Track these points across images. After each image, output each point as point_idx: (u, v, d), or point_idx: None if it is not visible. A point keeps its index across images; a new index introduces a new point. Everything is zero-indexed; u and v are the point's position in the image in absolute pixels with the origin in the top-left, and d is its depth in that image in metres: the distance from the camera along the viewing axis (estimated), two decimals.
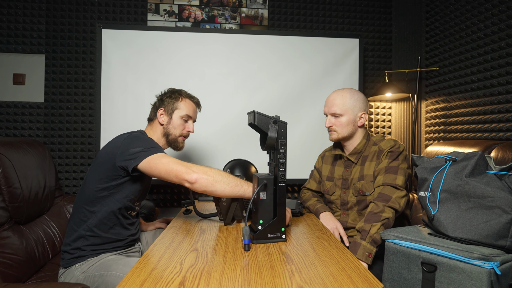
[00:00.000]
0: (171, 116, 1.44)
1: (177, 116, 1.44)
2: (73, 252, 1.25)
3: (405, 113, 2.41)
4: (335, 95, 1.47)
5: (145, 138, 1.28)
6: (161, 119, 1.44)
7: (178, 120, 1.44)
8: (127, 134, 1.30)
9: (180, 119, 1.44)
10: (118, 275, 1.15)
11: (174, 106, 1.45)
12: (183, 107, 1.45)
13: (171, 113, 1.44)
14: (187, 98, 1.48)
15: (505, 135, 1.58)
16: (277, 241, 1.05)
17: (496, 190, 0.98)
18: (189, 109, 1.47)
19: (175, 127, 1.44)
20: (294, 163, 2.26)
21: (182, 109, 1.45)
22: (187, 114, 1.45)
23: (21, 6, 2.24)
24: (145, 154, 1.17)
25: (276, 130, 1.04)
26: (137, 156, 1.18)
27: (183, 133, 1.46)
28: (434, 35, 2.14)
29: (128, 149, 1.20)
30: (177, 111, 1.44)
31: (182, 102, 1.46)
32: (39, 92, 2.28)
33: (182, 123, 1.45)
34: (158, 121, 1.44)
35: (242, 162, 1.79)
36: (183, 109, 1.45)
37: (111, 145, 1.28)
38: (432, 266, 1.02)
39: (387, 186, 1.33)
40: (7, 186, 1.32)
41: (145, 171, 1.18)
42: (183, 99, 1.47)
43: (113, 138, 1.31)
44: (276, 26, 2.45)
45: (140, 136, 1.29)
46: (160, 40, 2.21)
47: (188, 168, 1.13)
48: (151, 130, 1.45)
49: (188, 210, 1.42)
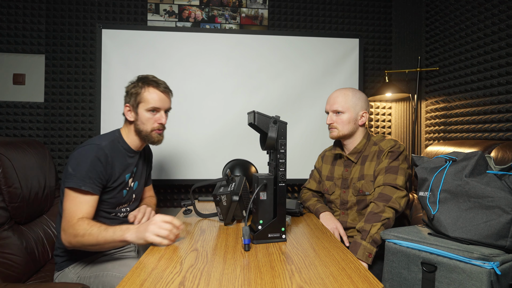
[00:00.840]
0: (136, 112, 1.29)
1: (142, 110, 1.28)
2: (63, 254, 1.26)
3: (405, 113, 2.41)
4: (337, 93, 1.47)
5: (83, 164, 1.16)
6: (128, 116, 1.31)
7: (145, 114, 1.28)
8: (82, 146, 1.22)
9: (147, 113, 1.28)
10: (115, 275, 1.15)
11: (138, 99, 1.28)
12: (147, 99, 1.28)
13: (136, 108, 1.29)
14: (151, 87, 1.29)
15: (505, 135, 1.58)
16: (277, 241, 1.05)
17: (496, 190, 0.98)
18: (154, 100, 1.28)
19: (143, 123, 1.29)
20: (294, 163, 2.26)
21: (146, 102, 1.28)
22: (152, 106, 1.28)
23: (21, 6, 2.24)
24: (68, 182, 1.13)
25: (276, 130, 1.04)
26: (66, 178, 1.15)
27: (155, 126, 1.30)
28: (434, 35, 2.14)
29: (69, 164, 1.17)
30: (141, 105, 1.28)
31: (146, 93, 1.28)
32: (39, 92, 2.28)
33: (150, 117, 1.29)
34: (126, 118, 1.33)
35: (242, 162, 1.79)
36: (148, 101, 1.28)
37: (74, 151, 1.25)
38: (432, 266, 1.02)
39: (387, 186, 1.33)
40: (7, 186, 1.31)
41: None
42: (147, 88, 1.28)
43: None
44: (276, 26, 2.45)
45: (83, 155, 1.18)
46: (160, 40, 2.21)
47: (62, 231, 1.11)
48: (126, 128, 1.35)
49: (188, 210, 1.42)
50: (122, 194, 1.31)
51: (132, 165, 1.36)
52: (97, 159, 1.17)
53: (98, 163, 1.18)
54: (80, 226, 1.07)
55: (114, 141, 1.30)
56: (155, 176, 2.20)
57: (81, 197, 1.13)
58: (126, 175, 1.31)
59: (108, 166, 1.22)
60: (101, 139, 1.27)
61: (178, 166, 2.26)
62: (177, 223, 1.01)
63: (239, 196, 1.22)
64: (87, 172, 1.14)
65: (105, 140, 1.26)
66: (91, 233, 1.05)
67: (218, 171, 2.22)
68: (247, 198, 1.32)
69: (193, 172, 2.26)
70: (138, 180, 1.42)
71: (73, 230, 1.07)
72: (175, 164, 2.25)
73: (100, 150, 1.20)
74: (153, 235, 0.97)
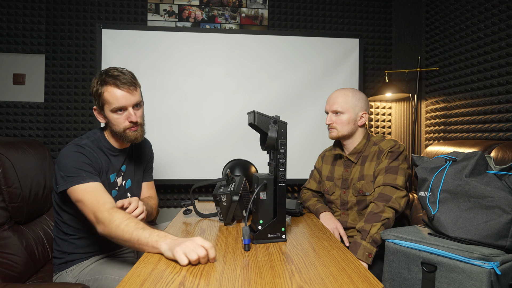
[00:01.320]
0: (103, 114, 1.22)
1: (108, 112, 1.20)
2: (61, 256, 1.25)
3: (405, 113, 2.41)
4: (337, 93, 1.47)
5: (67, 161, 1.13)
6: (99, 118, 1.25)
7: (113, 116, 1.20)
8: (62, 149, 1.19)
9: (113, 114, 1.19)
10: (113, 278, 1.13)
11: (101, 101, 1.19)
12: (108, 100, 1.17)
13: (102, 110, 1.21)
14: (109, 86, 1.17)
15: (505, 135, 1.58)
16: (277, 241, 1.05)
17: (496, 190, 0.98)
18: (116, 99, 1.17)
19: (114, 124, 1.21)
20: (294, 163, 2.26)
21: (109, 103, 1.18)
22: (116, 107, 1.18)
23: (21, 6, 2.24)
24: (64, 184, 1.11)
25: (276, 130, 1.04)
26: (59, 183, 1.13)
27: (126, 125, 1.21)
28: (434, 35, 2.14)
29: (57, 169, 1.15)
30: (106, 107, 1.19)
31: (106, 93, 1.17)
32: (39, 92, 2.28)
33: (118, 117, 1.20)
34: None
35: (242, 162, 1.79)
36: (110, 102, 1.18)
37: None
38: (432, 266, 1.02)
39: (387, 186, 1.33)
40: (7, 186, 1.31)
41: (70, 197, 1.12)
42: (105, 88, 1.17)
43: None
44: (276, 26, 2.45)
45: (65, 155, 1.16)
46: (160, 40, 2.21)
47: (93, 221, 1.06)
48: (107, 129, 1.29)
49: (188, 210, 1.42)
50: (112, 194, 1.28)
51: (117, 164, 1.31)
52: (80, 154, 1.16)
53: (82, 156, 1.16)
54: (117, 214, 1.02)
55: (94, 140, 1.26)
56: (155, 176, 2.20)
57: (88, 187, 1.10)
58: (110, 175, 1.27)
59: (93, 159, 1.19)
60: (80, 139, 1.25)
61: (178, 166, 2.26)
62: (212, 255, 0.86)
63: (239, 196, 1.22)
64: (78, 168, 1.12)
65: (84, 140, 1.24)
66: (127, 225, 0.98)
67: (218, 171, 2.22)
68: (247, 198, 1.32)
69: (193, 172, 2.26)
70: (131, 177, 1.38)
71: (108, 215, 1.02)
72: (175, 164, 2.25)
73: (79, 147, 1.19)
74: (182, 254, 0.84)
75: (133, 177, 1.40)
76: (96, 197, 1.08)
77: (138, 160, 1.44)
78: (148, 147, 1.52)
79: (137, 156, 1.44)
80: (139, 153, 1.46)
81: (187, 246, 0.85)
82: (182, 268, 0.82)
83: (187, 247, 0.85)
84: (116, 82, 1.17)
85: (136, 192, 1.42)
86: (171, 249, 0.87)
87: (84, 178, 1.11)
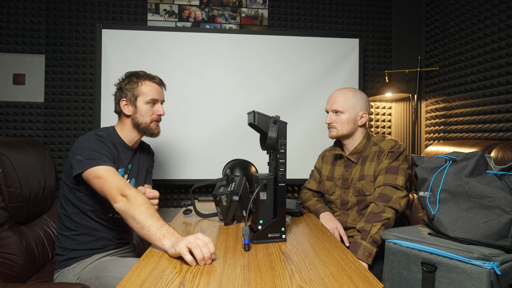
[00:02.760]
0: (135, 105, 1.32)
1: (141, 102, 1.32)
2: (63, 253, 1.26)
3: (405, 113, 2.41)
4: (338, 92, 1.48)
5: (89, 145, 1.19)
6: (126, 110, 1.33)
7: (144, 107, 1.32)
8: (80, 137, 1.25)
9: (146, 105, 1.32)
10: (115, 276, 1.14)
11: (136, 92, 1.32)
12: (145, 91, 1.32)
13: (134, 101, 1.32)
14: (147, 80, 1.34)
15: (505, 135, 1.58)
16: (277, 241, 1.05)
17: (496, 190, 0.98)
18: (152, 92, 1.33)
19: (143, 115, 1.33)
20: (294, 163, 2.26)
21: (145, 94, 1.32)
22: (151, 98, 1.33)
23: (21, 6, 2.24)
24: (84, 166, 1.13)
25: (276, 130, 1.04)
26: (77, 166, 1.15)
27: (153, 118, 1.35)
28: (434, 35, 2.14)
29: (74, 155, 1.18)
30: (140, 98, 1.32)
31: (143, 86, 1.32)
32: (39, 92, 2.28)
33: (149, 108, 1.33)
34: (124, 113, 1.34)
35: (242, 162, 1.79)
36: (146, 94, 1.32)
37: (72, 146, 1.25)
38: (432, 266, 1.02)
39: (387, 187, 1.33)
40: (7, 186, 1.31)
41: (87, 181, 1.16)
42: (143, 82, 1.33)
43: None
44: (276, 26, 2.45)
45: (86, 141, 1.21)
46: (160, 40, 2.21)
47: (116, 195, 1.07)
48: (121, 124, 1.36)
49: (188, 210, 1.42)
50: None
51: (125, 161, 1.36)
52: (100, 141, 1.23)
53: (101, 143, 1.23)
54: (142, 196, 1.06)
55: (108, 135, 1.32)
56: (155, 176, 2.20)
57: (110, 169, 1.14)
58: (119, 169, 1.31)
59: (110, 150, 1.25)
60: (96, 131, 1.31)
61: (178, 166, 2.26)
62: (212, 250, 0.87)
63: (239, 196, 1.22)
64: (99, 152, 1.18)
65: (99, 132, 1.30)
66: (147, 208, 1.01)
67: (218, 171, 2.22)
68: (247, 198, 1.32)
69: (193, 172, 2.26)
70: (135, 177, 1.42)
71: (135, 193, 1.06)
72: (175, 164, 2.25)
73: (100, 136, 1.25)
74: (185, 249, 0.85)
75: (137, 177, 1.43)
76: (119, 178, 1.12)
77: (142, 161, 1.48)
78: (152, 153, 1.59)
79: (142, 157, 1.48)
80: (143, 155, 1.51)
81: (189, 241, 0.87)
82: (182, 268, 0.82)
83: (189, 242, 0.86)
84: (153, 78, 1.36)
85: None
86: (173, 246, 0.88)
87: (105, 162, 1.16)
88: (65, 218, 1.28)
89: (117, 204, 1.06)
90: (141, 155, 1.48)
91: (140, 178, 1.46)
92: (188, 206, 1.40)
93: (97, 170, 1.13)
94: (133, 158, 1.41)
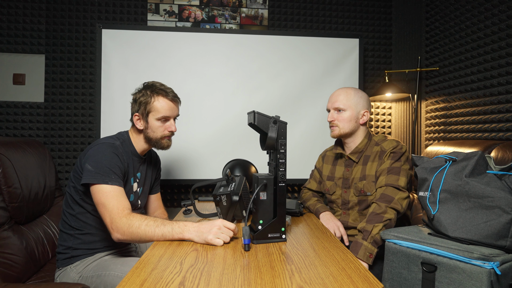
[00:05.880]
0: (146, 120, 1.31)
1: (152, 119, 1.30)
2: (66, 252, 1.26)
3: (405, 113, 2.41)
4: (339, 91, 1.48)
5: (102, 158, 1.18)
6: (138, 124, 1.32)
7: (156, 123, 1.31)
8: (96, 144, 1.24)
9: (157, 122, 1.31)
10: (117, 274, 1.15)
11: (148, 108, 1.29)
12: (157, 108, 1.29)
13: (146, 117, 1.31)
14: (160, 96, 1.30)
15: (505, 135, 1.58)
16: (277, 241, 1.05)
17: (496, 190, 0.98)
18: (164, 109, 1.30)
19: (153, 131, 1.32)
20: (294, 163, 2.26)
21: (156, 111, 1.29)
22: (163, 115, 1.30)
23: (21, 6, 2.24)
24: (91, 178, 1.14)
25: (276, 130, 1.04)
26: (86, 175, 1.15)
27: (165, 134, 1.34)
28: (434, 35, 2.14)
29: (85, 162, 1.18)
30: (151, 114, 1.30)
31: (156, 102, 1.29)
32: (39, 92, 2.28)
33: (160, 125, 1.31)
34: (136, 127, 1.34)
35: (242, 162, 1.79)
36: (158, 111, 1.30)
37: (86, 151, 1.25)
38: (432, 266, 1.02)
39: (389, 187, 1.33)
40: (7, 186, 1.32)
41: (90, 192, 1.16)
42: (156, 98, 1.30)
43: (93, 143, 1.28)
44: (276, 26, 2.45)
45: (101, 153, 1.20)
46: (160, 40, 2.21)
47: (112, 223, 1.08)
48: (134, 133, 1.36)
49: (188, 210, 1.42)
50: (130, 198, 1.32)
51: (135, 169, 1.36)
52: (114, 155, 1.21)
53: (116, 158, 1.21)
54: (134, 218, 1.07)
55: (123, 142, 1.32)
56: None
57: (113, 190, 1.14)
58: (131, 178, 1.32)
59: (124, 162, 1.25)
60: (113, 138, 1.30)
61: (178, 166, 2.26)
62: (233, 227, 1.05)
63: (239, 196, 1.22)
64: (109, 168, 1.17)
65: (117, 140, 1.29)
66: (147, 225, 1.05)
67: (218, 171, 2.22)
68: (247, 198, 1.32)
69: (193, 172, 2.26)
70: (142, 186, 1.43)
71: (127, 220, 1.07)
72: (175, 164, 2.25)
73: (115, 148, 1.24)
74: (216, 239, 1.01)
75: (143, 186, 1.44)
76: (117, 202, 1.12)
77: (149, 169, 1.49)
78: (159, 161, 1.60)
79: (149, 165, 1.49)
80: (151, 163, 1.51)
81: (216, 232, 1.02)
82: (182, 268, 0.82)
83: (217, 233, 1.02)
84: (167, 94, 1.31)
85: (143, 201, 1.46)
86: (200, 238, 1.02)
87: (112, 180, 1.15)
88: (70, 217, 1.27)
89: (113, 237, 1.09)
90: (149, 163, 1.49)
91: (146, 187, 1.46)
92: (188, 206, 1.40)
93: (101, 192, 1.13)
94: (141, 166, 1.41)
